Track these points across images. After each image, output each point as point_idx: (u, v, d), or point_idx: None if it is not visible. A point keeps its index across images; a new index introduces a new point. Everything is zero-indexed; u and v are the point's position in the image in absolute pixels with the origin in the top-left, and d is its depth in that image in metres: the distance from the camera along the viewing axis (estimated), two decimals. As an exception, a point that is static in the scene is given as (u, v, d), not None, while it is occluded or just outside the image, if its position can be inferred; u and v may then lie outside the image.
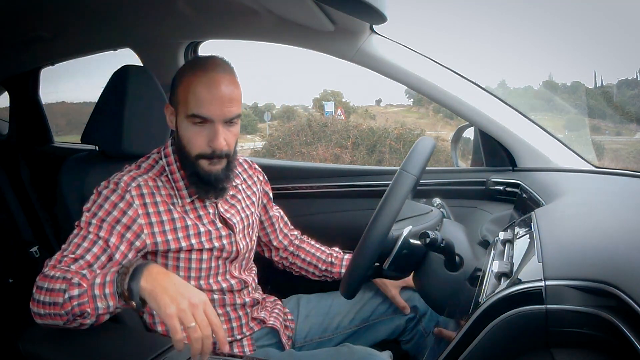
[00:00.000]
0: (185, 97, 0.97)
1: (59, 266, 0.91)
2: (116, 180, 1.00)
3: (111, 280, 0.84)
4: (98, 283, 0.85)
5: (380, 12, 1.04)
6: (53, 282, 0.87)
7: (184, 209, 1.05)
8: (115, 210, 0.97)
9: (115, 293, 0.84)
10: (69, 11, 1.55)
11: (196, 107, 0.96)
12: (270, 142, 7.19)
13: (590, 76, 8.00)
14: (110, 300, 0.84)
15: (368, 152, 6.45)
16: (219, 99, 0.95)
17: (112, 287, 0.84)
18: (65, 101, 7.51)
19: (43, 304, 0.87)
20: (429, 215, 1.18)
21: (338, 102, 9.14)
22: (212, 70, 0.97)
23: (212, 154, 0.99)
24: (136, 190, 1.00)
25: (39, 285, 0.88)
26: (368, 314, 1.23)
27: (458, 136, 1.69)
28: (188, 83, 0.97)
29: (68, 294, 0.85)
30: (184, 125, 0.99)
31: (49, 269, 0.90)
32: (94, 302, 0.84)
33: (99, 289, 0.85)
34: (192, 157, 1.01)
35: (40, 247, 2.20)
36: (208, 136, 0.98)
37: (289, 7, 1.28)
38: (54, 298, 0.86)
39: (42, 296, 0.87)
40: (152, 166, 1.07)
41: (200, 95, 0.95)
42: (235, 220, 1.12)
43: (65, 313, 0.85)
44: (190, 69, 0.99)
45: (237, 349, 1.11)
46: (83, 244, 0.94)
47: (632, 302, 0.55)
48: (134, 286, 0.82)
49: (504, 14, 13.28)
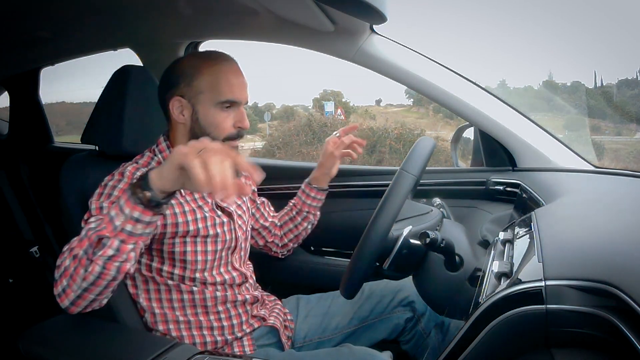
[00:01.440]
0: (215, 85, 1.03)
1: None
2: (121, 171, 1.02)
3: (121, 196, 0.80)
4: (112, 211, 0.80)
5: (380, 12, 1.04)
6: (69, 254, 0.84)
7: (185, 199, 1.08)
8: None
9: (129, 197, 0.78)
10: (69, 11, 1.54)
11: (230, 93, 1.04)
12: (270, 142, 7.20)
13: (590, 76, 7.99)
14: (126, 207, 0.78)
15: (368, 152, 6.45)
16: (243, 84, 1.07)
17: (124, 196, 0.79)
18: (65, 101, 7.51)
19: (71, 276, 0.83)
20: (429, 215, 1.18)
21: (338, 102, 9.15)
22: (231, 61, 1.07)
23: (238, 134, 1.07)
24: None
25: (60, 273, 0.85)
26: (367, 314, 1.24)
27: (458, 136, 1.69)
28: (214, 71, 1.04)
29: (84, 233, 0.82)
30: (212, 112, 1.04)
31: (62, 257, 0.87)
32: (111, 223, 0.80)
33: (113, 209, 0.80)
34: (220, 141, 1.04)
35: (40, 247, 2.20)
36: (235, 118, 1.06)
37: (289, 7, 1.28)
38: (76, 252, 0.82)
39: (67, 276, 0.83)
40: (149, 162, 1.09)
41: (233, 81, 1.04)
42: (232, 208, 1.16)
43: (83, 253, 0.81)
44: (209, 60, 1.05)
45: (238, 348, 1.12)
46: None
47: (632, 302, 0.55)
48: (144, 178, 0.78)
49: (504, 14, 13.28)
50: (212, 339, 1.09)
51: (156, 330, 1.08)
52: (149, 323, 1.08)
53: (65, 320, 1.02)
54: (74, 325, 1.05)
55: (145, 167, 1.06)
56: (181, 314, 1.08)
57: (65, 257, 0.85)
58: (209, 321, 1.10)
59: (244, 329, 1.13)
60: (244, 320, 1.14)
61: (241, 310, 1.14)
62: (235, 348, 1.12)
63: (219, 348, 1.10)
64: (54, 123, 2.56)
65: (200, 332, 1.09)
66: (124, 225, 0.79)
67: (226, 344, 1.11)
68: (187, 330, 1.08)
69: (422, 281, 1.03)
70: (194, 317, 1.09)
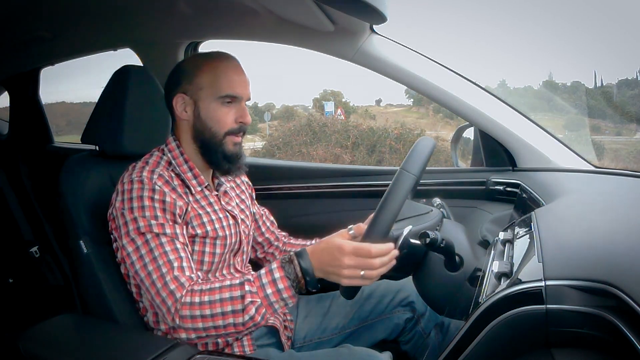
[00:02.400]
0: (216, 81, 1.06)
1: (189, 286, 0.94)
2: (138, 178, 1.01)
3: (282, 277, 0.90)
4: (270, 293, 0.91)
5: (380, 12, 1.04)
6: (215, 306, 0.91)
7: (195, 199, 1.09)
8: (157, 203, 0.99)
9: (290, 286, 0.90)
10: (69, 11, 1.55)
11: (230, 88, 1.06)
12: (270, 142, 7.18)
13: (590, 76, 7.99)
14: (285, 293, 0.90)
15: (368, 152, 6.45)
16: (245, 81, 1.09)
17: (286, 282, 0.90)
18: (65, 101, 7.50)
19: (206, 329, 0.92)
20: (429, 215, 1.18)
21: (338, 102, 9.14)
22: (232, 59, 1.10)
23: (240, 128, 1.09)
24: (160, 180, 1.03)
25: (190, 315, 0.92)
26: (366, 314, 1.23)
27: (458, 136, 1.69)
28: (215, 68, 1.07)
29: (248, 316, 0.90)
30: (213, 107, 1.07)
31: (187, 296, 0.93)
32: (271, 307, 0.91)
33: (275, 296, 0.91)
34: (221, 136, 1.07)
35: (40, 247, 2.20)
36: (236, 113, 1.08)
37: (289, 7, 1.28)
38: (225, 320, 0.91)
39: (201, 323, 0.92)
40: (158, 162, 1.08)
41: (232, 77, 1.07)
42: (236, 212, 1.17)
43: (246, 329, 0.93)
44: (211, 58, 1.09)
45: (237, 348, 1.11)
46: (166, 248, 0.97)
47: (632, 302, 0.55)
48: (307, 266, 0.90)
49: (504, 14, 13.28)
50: (212, 339, 1.09)
51: (158, 329, 1.07)
52: (150, 322, 1.08)
53: (65, 320, 1.03)
54: (74, 325, 1.06)
55: (156, 167, 1.05)
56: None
57: (198, 314, 0.92)
58: (210, 321, 1.09)
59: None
60: (243, 319, 1.14)
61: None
62: (235, 348, 1.11)
63: (220, 349, 1.10)
64: (54, 123, 2.56)
65: (200, 332, 1.09)
66: (284, 307, 0.94)
67: (227, 345, 1.11)
68: (188, 330, 1.08)
69: (422, 281, 1.03)
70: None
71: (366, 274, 0.87)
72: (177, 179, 1.08)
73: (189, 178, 1.09)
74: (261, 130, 9.27)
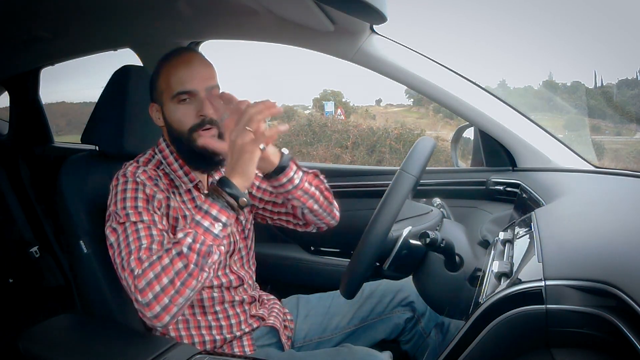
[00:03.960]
0: (167, 82, 1.04)
1: (145, 257, 0.90)
2: (123, 173, 1.03)
3: (210, 204, 0.89)
4: (200, 218, 0.89)
5: (380, 12, 1.04)
6: (158, 264, 0.87)
7: (182, 199, 1.08)
8: (139, 193, 1.00)
9: (222, 207, 0.89)
10: (69, 11, 1.55)
11: (180, 85, 1.03)
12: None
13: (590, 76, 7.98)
14: (222, 216, 0.89)
15: (368, 152, 6.44)
16: (198, 73, 1.04)
17: (216, 206, 0.89)
18: (65, 101, 7.49)
19: (164, 289, 0.86)
20: (429, 215, 1.18)
21: (338, 102, 9.13)
22: (185, 53, 1.07)
23: (203, 121, 1.04)
24: (143, 175, 1.03)
25: (146, 283, 0.86)
26: (366, 314, 1.23)
27: (458, 136, 1.69)
28: (167, 69, 1.05)
29: (185, 247, 0.86)
30: (172, 108, 1.05)
31: (138, 268, 0.88)
32: (209, 233, 0.88)
33: (206, 219, 0.89)
34: (186, 134, 1.05)
35: (40, 247, 2.20)
36: (196, 108, 1.04)
37: (288, 7, 1.28)
38: (175, 268, 0.86)
39: (157, 285, 0.86)
40: (149, 160, 1.10)
41: (181, 73, 1.04)
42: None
43: (195, 265, 0.86)
44: (165, 60, 1.08)
45: (237, 349, 1.11)
46: (141, 233, 0.95)
47: (632, 302, 0.55)
48: (229, 185, 0.89)
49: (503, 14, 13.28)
50: (210, 338, 1.09)
51: (156, 330, 1.08)
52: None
53: (65, 320, 1.03)
54: (74, 325, 1.06)
55: (145, 165, 1.07)
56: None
57: (151, 276, 0.86)
58: (207, 321, 1.09)
59: (243, 329, 1.13)
60: (242, 319, 1.14)
61: (239, 310, 1.14)
62: (235, 348, 1.11)
63: (218, 347, 1.10)
64: (54, 123, 2.56)
65: (198, 331, 1.09)
66: (224, 230, 0.90)
67: (225, 343, 1.11)
68: (186, 329, 1.08)
69: (422, 281, 1.03)
70: (192, 317, 1.09)
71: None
72: (165, 178, 1.08)
73: (180, 176, 1.09)
74: (261, 130, 9.23)
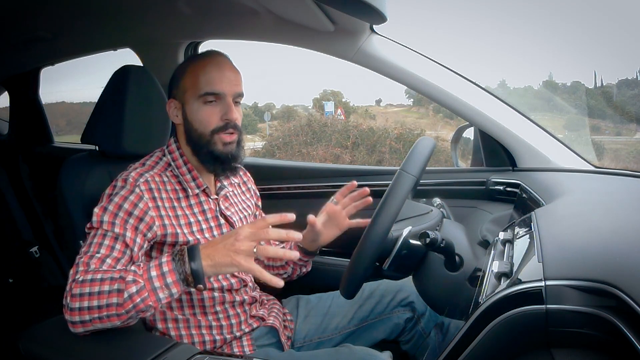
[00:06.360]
0: (195, 81, 1.05)
1: (92, 269, 0.89)
2: (124, 177, 1.02)
3: (170, 270, 0.86)
4: (155, 275, 0.86)
5: (380, 12, 1.04)
6: (99, 285, 0.85)
7: (188, 204, 1.08)
8: (126, 203, 0.98)
9: (178, 280, 0.86)
10: (69, 11, 1.55)
11: (209, 86, 1.04)
12: (270, 142, 7.18)
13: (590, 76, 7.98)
14: (174, 287, 0.86)
15: (368, 152, 6.45)
16: (227, 77, 1.06)
17: (174, 276, 0.86)
18: (65, 101, 7.50)
19: (90, 309, 0.85)
20: (429, 215, 1.18)
21: (338, 102, 9.14)
22: (217, 56, 1.09)
23: (227, 125, 1.06)
24: (144, 185, 1.02)
25: (80, 293, 0.85)
26: (366, 314, 1.23)
27: (458, 136, 1.69)
28: (196, 68, 1.06)
29: (127, 293, 0.84)
30: (196, 107, 1.06)
31: (82, 275, 0.87)
32: (155, 294, 0.86)
33: (159, 281, 0.86)
34: (208, 135, 1.06)
35: (40, 247, 2.20)
36: (221, 111, 1.06)
37: (288, 7, 1.28)
38: (109, 299, 0.84)
39: (87, 302, 0.85)
40: (157, 162, 1.09)
41: (212, 74, 1.05)
42: (235, 219, 1.15)
43: (125, 312, 0.85)
44: (195, 60, 1.09)
45: (237, 349, 1.11)
46: (104, 242, 0.94)
47: (632, 302, 0.55)
48: (197, 267, 0.85)
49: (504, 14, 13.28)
50: (210, 338, 1.09)
51: (155, 328, 1.08)
52: (147, 321, 1.08)
53: (65, 320, 1.02)
54: (74, 325, 1.05)
55: (151, 169, 1.06)
56: (179, 313, 1.08)
57: (86, 291, 0.85)
58: (207, 320, 1.10)
59: (243, 329, 1.13)
60: (242, 320, 1.14)
61: (239, 310, 1.14)
62: (235, 348, 1.11)
63: (218, 347, 1.10)
64: (54, 123, 2.56)
65: (198, 331, 1.09)
66: (169, 298, 0.87)
67: (225, 344, 1.11)
68: (186, 329, 1.08)
69: (422, 281, 1.03)
70: (192, 317, 1.09)
71: (259, 249, 0.85)
72: (174, 179, 1.08)
73: (188, 180, 1.09)
74: (261, 130, 9.27)
